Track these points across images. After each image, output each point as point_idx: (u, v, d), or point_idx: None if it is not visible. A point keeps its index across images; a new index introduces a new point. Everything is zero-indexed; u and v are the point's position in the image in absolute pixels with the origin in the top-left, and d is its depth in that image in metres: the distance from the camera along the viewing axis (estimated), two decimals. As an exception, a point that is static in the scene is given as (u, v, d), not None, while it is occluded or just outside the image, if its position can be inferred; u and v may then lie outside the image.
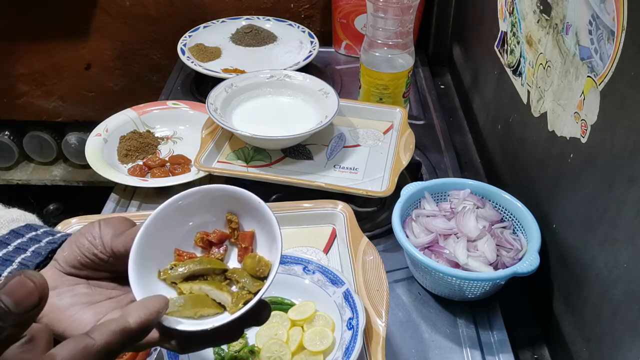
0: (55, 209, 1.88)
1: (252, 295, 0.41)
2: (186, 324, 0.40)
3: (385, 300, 0.64)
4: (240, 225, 0.46)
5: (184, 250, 0.45)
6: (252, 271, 0.43)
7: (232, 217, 0.46)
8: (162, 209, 0.44)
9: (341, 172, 0.89)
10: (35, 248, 0.43)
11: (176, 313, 0.40)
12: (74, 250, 0.42)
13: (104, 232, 0.42)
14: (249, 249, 0.45)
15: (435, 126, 1.12)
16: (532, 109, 0.78)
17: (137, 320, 0.36)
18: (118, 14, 1.47)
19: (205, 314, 0.41)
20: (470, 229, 0.73)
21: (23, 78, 1.59)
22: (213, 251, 0.46)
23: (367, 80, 0.99)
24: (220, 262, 0.45)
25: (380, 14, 0.92)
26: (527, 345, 0.73)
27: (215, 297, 0.42)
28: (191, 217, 0.46)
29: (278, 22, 1.39)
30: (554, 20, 0.70)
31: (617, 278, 0.55)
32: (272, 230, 0.43)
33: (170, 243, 0.45)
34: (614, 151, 0.55)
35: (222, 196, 0.45)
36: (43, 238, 0.44)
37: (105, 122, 1.03)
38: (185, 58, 1.21)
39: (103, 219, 0.44)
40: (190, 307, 0.41)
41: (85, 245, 0.42)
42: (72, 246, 0.42)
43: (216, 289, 0.42)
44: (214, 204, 0.46)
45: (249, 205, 0.45)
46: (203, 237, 0.46)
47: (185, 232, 0.46)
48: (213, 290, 0.42)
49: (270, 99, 1.00)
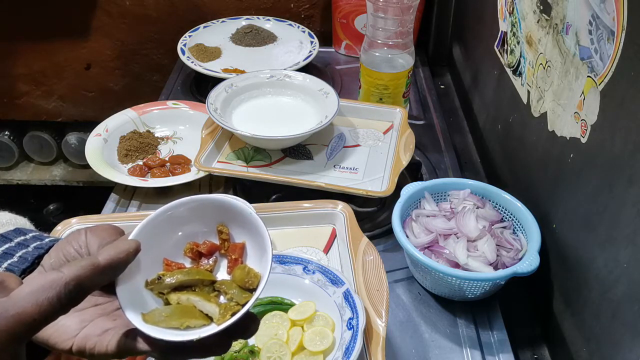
0: (55, 209, 1.88)
1: (240, 306, 0.41)
2: (172, 334, 0.39)
3: (385, 300, 0.64)
4: (230, 236, 0.46)
5: (172, 261, 0.45)
6: (241, 282, 0.43)
7: (223, 228, 0.46)
8: (152, 219, 0.43)
9: (341, 172, 0.89)
10: (22, 253, 0.43)
11: (162, 323, 0.40)
12: (60, 258, 0.41)
13: (90, 242, 0.42)
14: (238, 260, 0.45)
15: (435, 126, 1.12)
16: (532, 109, 0.78)
17: (107, 258, 0.37)
18: (118, 14, 1.47)
19: (192, 325, 0.40)
20: (470, 229, 0.73)
21: (23, 78, 1.59)
22: (202, 262, 0.45)
23: (367, 80, 0.99)
24: (209, 273, 0.44)
25: (380, 14, 0.92)
26: (527, 345, 0.73)
27: (202, 308, 0.41)
28: (181, 227, 0.45)
29: (278, 22, 1.39)
30: (554, 20, 0.70)
31: (617, 278, 0.55)
32: (263, 241, 0.43)
33: (159, 253, 0.44)
34: (614, 151, 0.55)
35: (214, 206, 0.45)
36: (31, 243, 0.44)
37: (105, 122, 1.03)
38: (185, 58, 1.21)
39: (90, 227, 0.44)
40: (177, 317, 0.40)
41: (71, 253, 0.41)
42: (58, 253, 0.42)
43: (204, 300, 0.42)
44: (205, 214, 0.45)
45: (241, 216, 0.44)
46: (193, 247, 0.45)
47: (175, 242, 0.45)
48: (201, 302, 0.42)
49: (270, 99, 1.00)
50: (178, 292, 0.42)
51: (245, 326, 0.41)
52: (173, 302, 0.42)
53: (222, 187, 0.93)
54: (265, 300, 0.67)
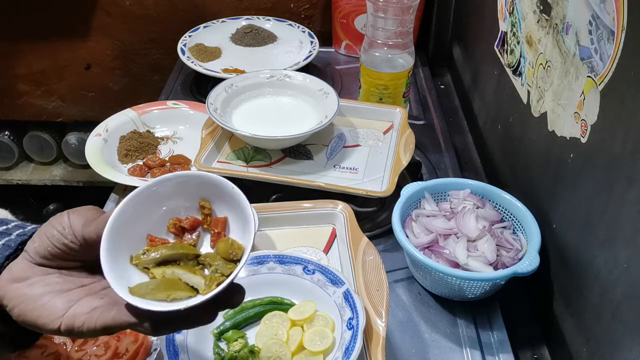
0: (55, 209, 1.87)
1: (225, 277, 0.41)
2: (159, 305, 0.40)
3: (385, 300, 0.64)
4: (213, 211, 0.46)
5: (156, 236, 0.45)
6: (225, 254, 0.43)
7: (205, 203, 0.46)
8: (135, 195, 0.44)
9: (341, 172, 0.89)
10: (5, 241, 0.44)
11: (149, 295, 0.40)
12: (44, 241, 0.42)
13: (74, 221, 0.43)
14: (221, 234, 0.45)
15: (435, 126, 1.12)
16: (532, 109, 0.78)
17: None
18: (118, 14, 1.47)
19: (178, 297, 0.41)
20: (470, 229, 0.73)
21: (23, 78, 1.59)
22: (186, 237, 0.46)
23: (367, 80, 0.99)
24: (193, 247, 0.45)
25: (380, 14, 0.92)
26: (527, 345, 0.73)
27: (188, 280, 0.42)
28: (164, 202, 0.46)
29: (278, 22, 1.39)
30: (554, 20, 0.70)
31: (617, 278, 0.55)
32: (245, 215, 0.43)
33: (143, 229, 0.45)
34: (614, 151, 0.55)
35: (196, 183, 0.46)
36: (14, 231, 0.45)
37: (105, 122, 1.03)
38: (185, 58, 1.21)
39: (72, 209, 0.44)
40: (163, 289, 0.41)
41: (55, 235, 0.42)
42: (42, 237, 0.42)
43: (189, 273, 0.42)
44: (188, 191, 0.46)
45: (223, 191, 0.45)
46: (176, 223, 0.46)
47: (158, 218, 0.46)
48: (186, 274, 0.42)
49: (270, 99, 1.00)
50: (163, 266, 0.43)
51: (230, 295, 0.42)
52: (158, 277, 0.43)
53: (222, 187, 0.92)
54: (265, 300, 0.67)
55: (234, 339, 0.63)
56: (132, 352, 0.60)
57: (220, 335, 0.64)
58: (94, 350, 0.60)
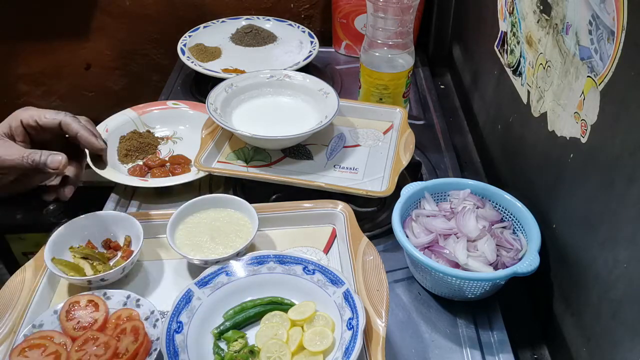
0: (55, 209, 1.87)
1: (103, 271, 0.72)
2: None
3: (385, 300, 0.64)
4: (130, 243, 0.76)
5: (92, 243, 0.77)
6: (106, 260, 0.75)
7: (128, 238, 0.77)
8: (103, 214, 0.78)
9: (341, 172, 0.89)
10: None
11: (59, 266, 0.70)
12: (11, 123, 0.74)
13: (35, 113, 0.74)
14: (124, 256, 0.75)
15: (435, 126, 1.12)
16: (532, 109, 0.78)
17: None
18: (118, 14, 1.47)
19: (73, 275, 0.70)
20: (470, 229, 0.73)
21: (23, 78, 1.59)
22: (108, 251, 0.76)
23: (367, 80, 0.99)
24: (102, 254, 0.74)
25: (380, 14, 0.92)
26: (527, 345, 0.73)
27: (85, 268, 0.72)
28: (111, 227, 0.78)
29: (278, 22, 1.39)
30: (554, 20, 0.70)
31: (617, 278, 0.55)
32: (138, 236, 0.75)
33: (88, 236, 0.77)
34: (614, 151, 0.55)
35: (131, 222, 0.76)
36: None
37: (105, 122, 1.03)
38: (185, 58, 1.21)
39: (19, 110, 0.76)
40: (69, 269, 0.70)
41: (25, 118, 0.74)
42: (10, 121, 0.74)
43: (87, 265, 0.72)
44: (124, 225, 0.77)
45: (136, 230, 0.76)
46: (107, 241, 0.77)
47: (100, 233, 0.77)
48: (85, 265, 0.72)
49: (270, 99, 1.00)
50: (83, 259, 0.73)
51: None
52: (75, 262, 0.72)
53: (222, 187, 0.93)
54: (266, 300, 0.67)
55: (234, 339, 0.63)
56: (132, 352, 0.60)
57: (220, 335, 0.64)
58: (94, 350, 0.60)
